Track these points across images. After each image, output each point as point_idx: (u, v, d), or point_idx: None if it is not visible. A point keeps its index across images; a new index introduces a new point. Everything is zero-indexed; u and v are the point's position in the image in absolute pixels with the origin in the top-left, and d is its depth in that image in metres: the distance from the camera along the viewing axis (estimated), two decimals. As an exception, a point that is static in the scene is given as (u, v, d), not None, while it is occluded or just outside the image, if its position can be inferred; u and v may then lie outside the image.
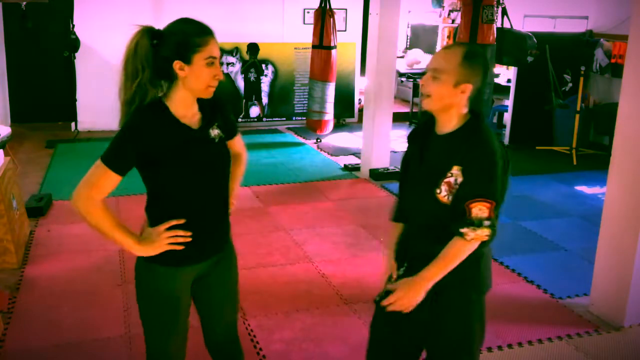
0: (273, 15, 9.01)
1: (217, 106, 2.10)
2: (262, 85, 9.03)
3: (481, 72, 1.98)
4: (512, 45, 5.66)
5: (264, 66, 8.97)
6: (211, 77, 1.95)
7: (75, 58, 8.09)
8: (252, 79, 8.95)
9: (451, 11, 10.67)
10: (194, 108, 2.02)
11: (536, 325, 3.57)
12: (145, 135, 1.90)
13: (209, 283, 2.16)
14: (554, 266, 4.43)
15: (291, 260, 4.41)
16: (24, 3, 7.11)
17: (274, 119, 9.19)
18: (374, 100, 6.42)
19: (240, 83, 8.88)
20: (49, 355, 3.19)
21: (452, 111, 1.98)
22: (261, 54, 8.91)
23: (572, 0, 8.10)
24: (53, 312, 3.61)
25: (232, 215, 2.21)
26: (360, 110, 9.34)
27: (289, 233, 4.94)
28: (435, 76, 1.95)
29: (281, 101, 9.19)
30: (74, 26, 7.84)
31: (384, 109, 6.45)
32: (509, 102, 8.14)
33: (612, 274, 3.60)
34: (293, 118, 9.29)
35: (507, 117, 8.17)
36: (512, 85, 7.95)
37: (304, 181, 6.43)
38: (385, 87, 6.40)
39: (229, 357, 2.35)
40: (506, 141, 8.14)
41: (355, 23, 9.48)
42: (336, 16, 7.80)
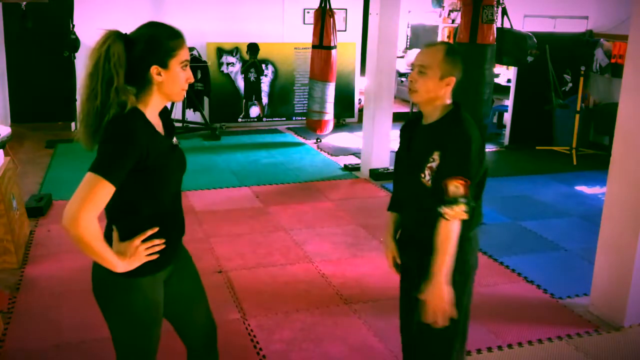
0: (273, 15, 9.01)
1: (164, 112, 2.06)
2: (262, 85, 9.03)
3: (461, 66, 2.18)
4: (512, 45, 5.66)
5: (264, 66, 8.97)
6: (185, 81, 1.94)
7: (75, 58, 8.09)
8: (252, 79, 8.95)
9: (451, 11, 10.67)
10: (157, 114, 1.99)
11: (536, 325, 3.57)
12: (141, 143, 1.82)
13: (179, 278, 2.13)
14: (554, 266, 4.43)
15: (291, 260, 4.41)
16: (24, 3, 7.11)
17: (274, 119, 9.19)
18: (374, 100, 6.42)
19: (240, 83, 8.89)
20: (49, 355, 3.19)
21: (437, 103, 2.17)
22: (261, 54, 8.91)
23: (572, 0, 8.10)
24: (53, 312, 3.61)
25: (232, 215, 2.21)
26: (360, 110, 9.34)
27: (289, 233, 4.94)
28: (422, 71, 2.14)
29: (281, 101, 9.19)
30: (74, 26, 7.84)
31: (384, 109, 6.45)
32: (509, 102, 8.14)
33: (612, 274, 3.60)
34: (293, 118, 9.29)
35: (507, 117, 8.17)
36: (512, 85, 7.95)
37: (304, 181, 6.43)
38: (385, 87, 6.40)
39: (213, 342, 2.30)
40: (506, 141, 8.15)
41: (355, 23, 9.49)
42: (336, 16, 7.80)
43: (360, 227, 5.08)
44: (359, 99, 9.57)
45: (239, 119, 8.99)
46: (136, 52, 1.86)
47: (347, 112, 9.47)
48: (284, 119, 9.27)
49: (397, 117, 7.02)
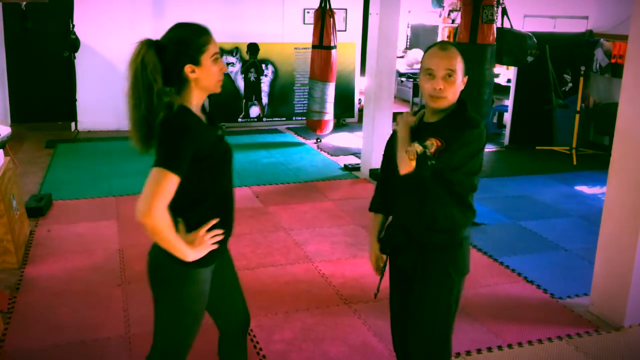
0: (273, 15, 9.01)
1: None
2: (262, 85, 9.03)
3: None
4: (512, 45, 5.65)
5: (264, 66, 8.97)
6: (219, 72, 2.05)
7: (75, 58, 8.10)
8: (252, 79, 8.95)
9: (451, 11, 10.67)
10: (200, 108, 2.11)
11: (536, 325, 3.57)
12: (198, 135, 1.95)
13: (222, 268, 2.24)
14: (554, 266, 4.43)
15: (291, 260, 4.41)
16: (24, 3, 7.11)
17: (274, 119, 9.19)
18: (374, 100, 6.42)
19: (240, 83, 8.89)
20: (49, 355, 3.19)
21: (452, 103, 2.16)
22: (261, 54, 8.91)
23: (572, 0, 8.10)
24: (53, 312, 3.61)
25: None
26: (360, 110, 9.34)
27: (289, 233, 4.94)
28: (451, 76, 2.09)
29: (281, 101, 9.19)
30: (74, 26, 7.85)
31: (384, 109, 6.45)
32: (509, 102, 8.14)
33: (612, 274, 3.60)
34: (293, 118, 9.29)
35: (507, 117, 8.17)
36: (512, 85, 7.95)
37: (303, 181, 6.43)
38: (385, 87, 6.40)
39: (247, 328, 2.43)
40: (506, 141, 8.14)
41: (355, 23, 9.48)
42: (336, 16, 7.80)
43: (360, 227, 5.08)
44: (359, 99, 9.57)
45: (239, 119, 8.99)
46: (168, 56, 1.97)
47: (347, 112, 9.47)
48: (284, 119, 9.27)
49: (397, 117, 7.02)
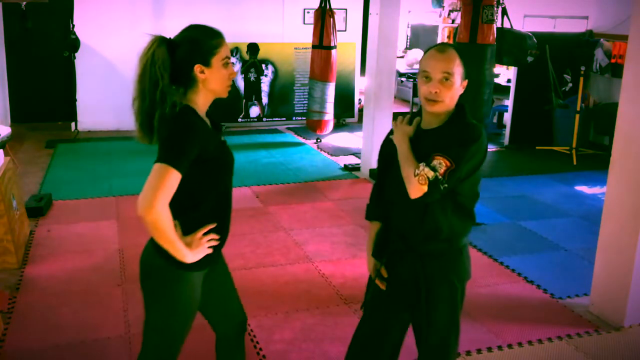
0: (273, 15, 9.01)
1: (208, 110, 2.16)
2: (262, 85, 9.03)
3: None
4: (512, 45, 5.65)
5: (264, 66, 8.97)
6: (228, 77, 2.05)
7: (75, 58, 8.09)
8: (252, 79, 8.95)
9: (451, 11, 10.68)
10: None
11: (536, 325, 3.57)
12: (203, 137, 1.95)
13: (216, 273, 2.24)
14: (554, 266, 4.43)
15: (291, 260, 4.41)
16: (24, 3, 7.11)
17: (274, 119, 9.20)
18: (374, 100, 6.42)
19: (240, 83, 8.89)
20: (49, 355, 3.19)
21: (450, 108, 2.09)
22: (261, 54, 8.91)
23: (572, 0, 8.10)
24: (53, 312, 3.61)
25: (232, 215, 2.23)
26: (360, 110, 9.34)
27: (289, 233, 4.94)
28: (448, 79, 2.03)
29: (281, 101, 9.19)
30: (74, 26, 7.85)
31: (384, 109, 6.45)
32: (509, 102, 8.14)
33: (612, 274, 3.60)
34: (293, 118, 9.29)
35: (507, 117, 8.17)
36: (512, 85, 7.95)
37: (303, 181, 6.43)
38: (385, 87, 6.40)
39: (244, 330, 2.42)
40: (506, 141, 8.15)
41: (355, 23, 9.48)
42: (336, 16, 7.80)
43: (360, 227, 5.08)
44: (359, 99, 9.57)
45: (239, 119, 8.99)
46: (180, 54, 1.98)
47: (347, 112, 9.47)
48: (284, 119, 9.27)
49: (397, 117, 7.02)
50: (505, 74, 8.85)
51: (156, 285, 2.08)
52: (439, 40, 10.89)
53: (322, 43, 7.61)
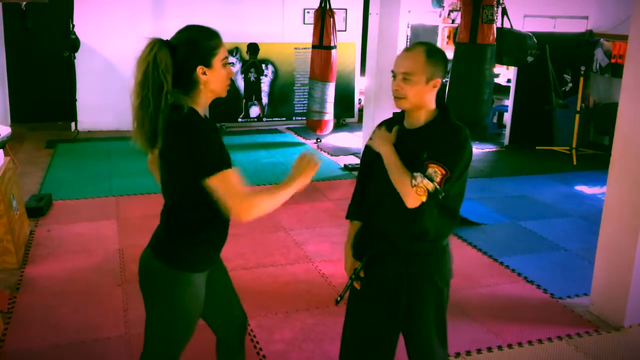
0: (273, 15, 9.01)
1: None
2: (262, 85, 9.03)
3: (443, 65, 2.11)
4: (512, 45, 5.65)
5: (264, 66, 8.97)
6: (228, 77, 2.05)
7: (75, 58, 8.09)
8: (252, 79, 8.95)
9: (451, 11, 10.66)
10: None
11: (536, 325, 3.57)
12: (213, 135, 1.97)
13: (216, 276, 2.22)
14: (554, 266, 4.43)
15: (291, 260, 4.41)
16: (24, 3, 7.11)
17: (274, 119, 9.20)
18: (374, 100, 6.42)
19: (240, 83, 8.89)
20: (49, 355, 3.18)
21: (425, 107, 2.11)
22: (261, 54, 8.91)
23: (572, 0, 8.10)
24: (53, 312, 3.61)
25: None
26: (360, 110, 9.34)
27: (289, 233, 4.94)
28: (407, 78, 2.06)
29: (281, 101, 9.19)
30: (74, 26, 7.84)
31: (384, 109, 6.44)
32: (509, 102, 8.14)
33: (612, 274, 3.60)
34: (293, 118, 9.29)
35: (507, 117, 8.17)
36: (512, 85, 7.95)
37: (304, 181, 6.43)
38: (385, 87, 6.39)
39: (244, 332, 2.41)
40: (506, 141, 8.15)
41: (355, 23, 9.49)
42: (336, 16, 7.79)
43: (360, 227, 5.07)
44: (359, 99, 9.57)
45: (239, 119, 8.99)
46: (180, 56, 1.95)
47: (347, 112, 9.47)
48: (284, 119, 9.27)
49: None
50: (505, 74, 8.85)
51: (157, 289, 2.06)
52: (439, 40, 10.88)
53: (322, 43, 7.61)
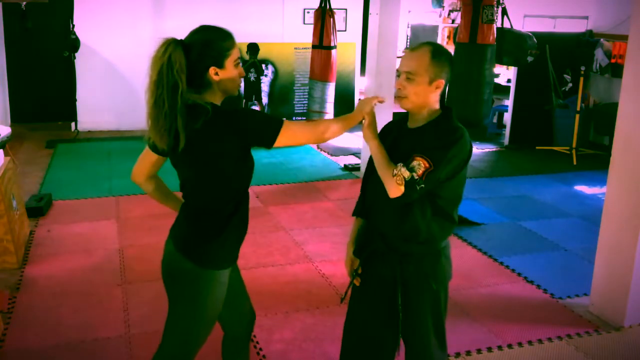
0: (273, 15, 9.01)
1: None
2: (262, 85, 9.03)
3: (449, 67, 2.10)
4: (512, 45, 5.65)
5: (264, 66, 8.97)
6: (239, 77, 2.11)
7: (75, 58, 8.09)
8: (252, 79, 8.95)
9: (451, 11, 10.67)
10: None
11: (536, 325, 3.57)
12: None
13: (232, 273, 2.24)
14: (554, 266, 4.43)
15: (291, 260, 4.41)
16: (24, 3, 7.11)
17: (274, 119, 9.19)
18: (374, 100, 6.41)
19: (240, 83, 8.88)
20: (49, 355, 3.19)
21: (427, 107, 2.11)
22: (261, 54, 8.91)
23: (572, 0, 8.10)
24: (53, 312, 3.61)
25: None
26: (360, 110, 9.30)
27: (289, 233, 4.94)
28: (410, 78, 2.07)
29: (281, 101, 9.19)
30: (74, 26, 7.84)
31: (384, 109, 6.42)
32: (509, 102, 8.14)
33: (612, 274, 3.60)
34: (293, 118, 9.29)
35: (507, 117, 8.17)
36: (512, 85, 7.95)
37: (304, 181, 6.43)
38: (385, 87, 6.39)
39: (252, 329, 2.45)
40: (506, 141, 8.15)
41: (355, 23, 9.49)
42: (336, 16, 7.79)
43: (360, 227, 5.08)
44: (359, 99, 9.57)
45: (239, 119, 8.98)
46: (194, 57, 1.98)
47: (347, 112, 9.43)
48: (284, 119, 9.26)
49: (397, 117, 7.03)
50: (505, 74, 8.85)
51: (184, 287, 2.08)
52: (439, 40, 10.89)
53: (322, 43, 7.60)
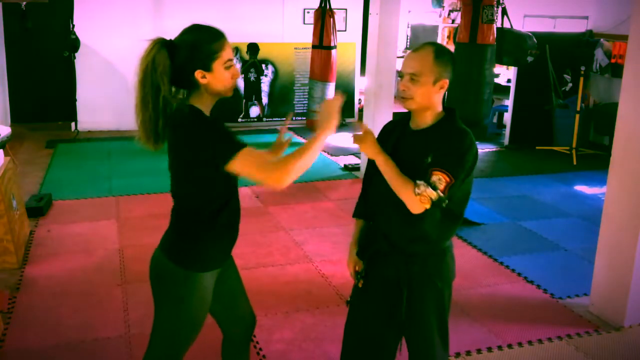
0: (273, 15, 9.01)
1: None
2: (262, 85, 9.03)
3: (452, 67, 2.09)
4: (512, 45, 5.65)
5: (264, 66, 8.97)
6: (231, 78, 2.02)
7: (75, 58, 8.09)
8: (252, 79, 8.95)
9: (451, 11, 10.67)
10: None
11: (536, 325, 3.57)
12: (222, 125, 1.96)
13: (226, 276, 2.23)
14: (554, 266, 4.43)
15: (291, 260, 4.41)
16: (24, 3, 7.11)
17: (274, 119, 9.19)
18: (374, 100, 6.41)
19: (240, 83, 8.89)
20: (49, 355, 3.19)
21: (431, 108, 2.10)
22: (261, 54, 8.91)
23: (572, 0, 8.10)
24: (53, 312, 3.61)
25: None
26: (360, 110, 9.33)
27: (289, 233, 4.94)
28: (415, 79, 2.05)
29: (281, 101, 9.19)
30: (74, 26, 7.85)
31: (384, 109, 6.45)
32: (509, 102, 8.14)
33: (612, 274, 3.60)
34: (293, 118, 9.29)
35: (507, 117, 8.17)
36: (512, 85, 7.95)
37: (304, 181, 6.43)
38: (385, 87, 6.39)
39: (251, 333, 2.44)
40: (506, 141, 8.15)
41: (355, 23, 9.48)
42: (336, 16, 7.80)
43: (360, 227, 5.08)
44: (359, 99, 9.57)
45: (239, 119, 8.99)
46: (180, 59, 1.94)
47: (347, 112, 9.46)
48: (284, 119, 9.27)
49: (397, 117, 7.04)
50: (505, 74, 8.85)
51: (166, 288, 2.08)
52: (438, 40, 10.89)
53: (322, 43, 7.61)
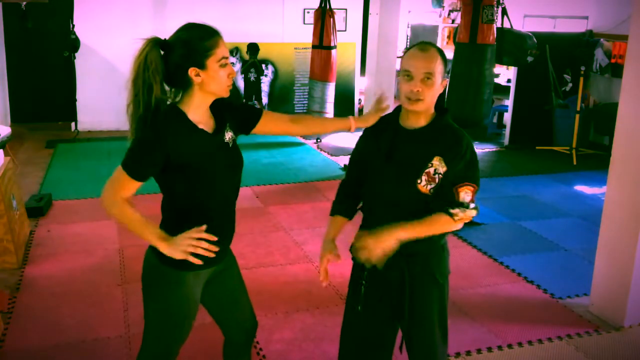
0: (273, 15, 9.01)
1: (224, 107, 2.10)
2: (262, 85, 9.03)
3: (446, 66, 2.13)
4: (512, 45, 5.65)
5: (264, 66, 8.97)
6: (226, 77, 1.98)
7: (75, 58, 8.10)
8: (252, 79, 8.95)
9: (451, 11, 10.67)
10: (208, 112, 2.04)
11: (536, 325, 3.57)
12: (170, 142, 1.89)
13: (224, 278, 2.21)
14: (554, 266, 4.43)
15: (291, 260, 4.41)
16: (24, 3, 7.11)
17: (274, 119, 9.18)
18: (374, 100, 6.41)
19: (240, 83, 8.89)
20: (49, 355, 3.18)
21: (430, 108, 2.11)
22: (261, 54, 8.91)
23: (572, 0, 8.10)
24: (53, 312, 3.61)
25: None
26: (360, 110, 9.34)
27: (289, 233, 4.93)
28: (429, 79, 2.03)
29: (281, 101, 9.19)
30: (74, 26, 7.85)
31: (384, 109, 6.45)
32: (509, 102, 8.14)
33: (612, 274, 3.60)
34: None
35: (507, 117, 8.17)
36: (512, 85, 7.95)
37: (304, 181, 6.43)
38: (385, 87, 6.40)
39: (252, 336, 2.45)
40: (506, 141, 8.15)
41: (355, 23, 9.49)
42: (336, 16, 7.80)
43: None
44: (359, 99, 9.57)
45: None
46: (173, 57, 1.92)
47: (347, 112, 9.45)
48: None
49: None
50: (505, 74, 8.85)
51: (151, 285, 2.08)
52: (439, 40, 10.89)
53: (322, 43, 7.61)
